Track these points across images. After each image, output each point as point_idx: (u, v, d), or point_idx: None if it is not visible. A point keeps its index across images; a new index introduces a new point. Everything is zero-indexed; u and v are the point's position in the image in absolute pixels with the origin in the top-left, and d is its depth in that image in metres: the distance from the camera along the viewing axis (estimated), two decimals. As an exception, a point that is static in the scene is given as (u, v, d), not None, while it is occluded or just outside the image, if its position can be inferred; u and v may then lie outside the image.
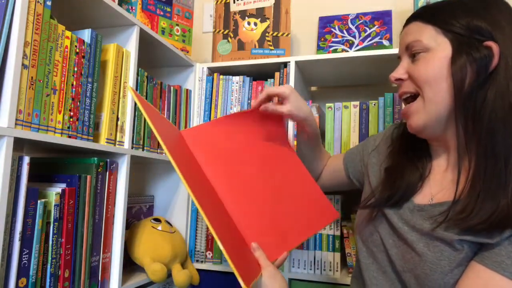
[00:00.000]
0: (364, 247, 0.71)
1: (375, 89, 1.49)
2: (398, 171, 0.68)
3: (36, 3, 0.75)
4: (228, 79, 1.37)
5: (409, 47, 0.64)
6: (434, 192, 0.64)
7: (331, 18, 1.47)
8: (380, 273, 0.67)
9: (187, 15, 1.39)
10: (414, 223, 0.62)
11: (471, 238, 0.55)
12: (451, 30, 0.60)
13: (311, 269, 1.24)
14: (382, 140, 0.80)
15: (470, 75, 0.57)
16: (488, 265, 0.53)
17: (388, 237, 0.66)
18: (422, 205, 0.64)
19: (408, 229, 0.62)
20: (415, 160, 0.69)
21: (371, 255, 0.69)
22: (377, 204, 0.68)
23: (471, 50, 0.58)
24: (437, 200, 0.63)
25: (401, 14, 1.45)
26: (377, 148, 0.79)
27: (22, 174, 0.72)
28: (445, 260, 0.56)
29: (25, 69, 0.73)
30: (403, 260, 0.62)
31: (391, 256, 0.65)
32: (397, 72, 0.67)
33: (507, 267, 0.52)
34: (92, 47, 0.92)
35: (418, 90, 0.63)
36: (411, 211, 0.64)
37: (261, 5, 1.41)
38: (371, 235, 0.69)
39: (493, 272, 0.52)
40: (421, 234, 0.60)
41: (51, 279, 0.79)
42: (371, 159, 0.79)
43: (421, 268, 0.58)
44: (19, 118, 0.72)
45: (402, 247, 0.63)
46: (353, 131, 1.24)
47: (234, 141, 0.76)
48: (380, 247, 0.68)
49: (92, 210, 0.90)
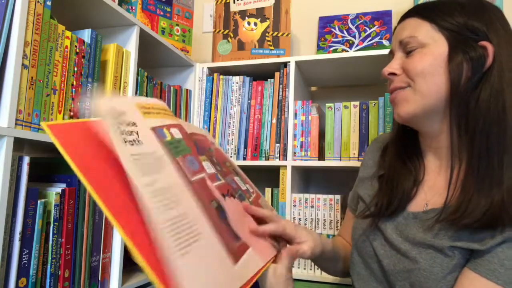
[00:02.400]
0: (361, 259, 0.71)
1: (375, 89, 1.49)
2: (393, 178, 0.68)
3: (36, 3, 0.75)
4: (228, 79, 1.37)
5: (403, 43, 0.64)
6: (428, 198, 0.64)
7: (331, 18, 1.47)
8: (378, 283, 0.67)
9: (187, 15, 1.39)
10: (407, 232, 0.62)
11: (462, 244, 0.55)
12: (448, 28, 0.60)
13: (311, 269, 1.24)
14: (367, 156, 0.81)
15: (466, 73, 0.58)
16: (482, 273, 0.53)
17: (380, 247, 0.66)
18: (416, 212, 0.64)
19: (402, 240, 0.62)
20: (407, 163, 0.68)
21: (368, 266, 0.69)
22: (375, 215, 0.67)
23: (467, 49, 0.58)
24: (431, 206, 0.63)
25: (401, 14, 1.44)
26: (364, 164, 0.81)
27: (22, 174, 0.72)
28: (437, 267, 0.57)
29: (25, 69, 0.73)
30: (398, 270, 0.62)
31: (384, 266, 0.65)
32: (391, 67, 0.65)
33: (500, 276, 0.52)
34: (92, 47, 0.92)
35: (410, 82, 0.62)
36: (405, 218, 0.64)
37: (261, 5, 1.41)
38: (365, 247, 0.69)
39: (487, 280, 0.53)
40: (413, 243, 0.60)
41: (51, 279, 0.79)
42: (359, 174, 0.80)
43: (415, 276, 0.59)
44: (19, 118, 0.72)
45: (395, 257, 0.63)
46: (353, 131, 1.24)
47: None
48: (373, 258, 0.67)
49: (92, 210, 0.90)
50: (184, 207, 0.48)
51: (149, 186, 0.45)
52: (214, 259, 0.48)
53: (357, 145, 1.23)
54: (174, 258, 0.42)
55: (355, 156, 1.22)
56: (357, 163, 1.20)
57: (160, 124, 0.56)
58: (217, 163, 0.67)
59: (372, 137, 1.22)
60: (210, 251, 0.48)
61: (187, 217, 0.47)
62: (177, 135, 0.59)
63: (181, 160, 0.55)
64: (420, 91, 0.61)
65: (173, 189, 0.48)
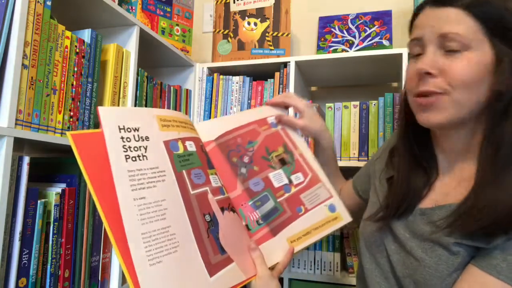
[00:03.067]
0: (368, 252, 0.71)
1: (375, 89, 1.49)
2: (404, 178, 0.66)
3: (36, 3, 0.75)
4: (228, 79, 1.37)
5: (446, 38, 0.55)
6: (437, 198, 0.64)
7: (331, 18, 1.47)
8: (382, 278, 0.67)
9: (187, 15, 1.39)
10: (415, 229, 0.62)
11: (468, 242, 0.55)
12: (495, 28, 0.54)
13: (311, 269, 1.24)
14: (388, 147, 0.78)
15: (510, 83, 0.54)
16: (483, 268, 0.53)
17: (391, 243, 0.66)
18: (424, 208, 0.63)
19: (410, 237, 0.62)
20: (421, 162, 0.67)
21: (374, 260, 0.69)
22: (386, 217, 0.67)
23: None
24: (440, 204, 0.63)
25: (401, 14, 1.45)
26: (381, 157, 0.79)
27: (22, 174, 0.72)
28: (443, 264, 0.56)
29: (25, 69, 0.73)
30: (404, 266, 0.62)
31: (392, 262, 0.64)
32: (428, 64, 0.57)
33: (502, 270, 0.51)
34: (92, 47, 0.92)
35: (449, 89, 0.56)
36: (413, 215, 0.64)
37: (261, 5, 1.41)
38: (375, 241, 0.69)
39: (488, 274, 0.52)
40: (420, 240, 0.60)
41: (51, 279, 0.79)
42: (375, 166, 0.78)
43: (420, 273, 0.58)
44: (19, 118, 0.72)
45: (403, 253, 0.63)
46: (353, 131, 1.24)
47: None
48: (383, 252, 0.67)
49: (92, 210, 0.90)
50: (169, 220, 0.53)
51: (137, 200, 0.51)
52: (188, 269, 0.53)
53: (357, 145, 1.23)
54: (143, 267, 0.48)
55: (355, 156, 1.22)
56: (357, 163, 1.20)
57: (175, 137, 0.61)
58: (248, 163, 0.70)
59: (372, 137, 1.22)
60: (186, 262, 0.53)
61: (170, 229, 0.52)
62: (191, 148, 0.62)
63: (186, 173, 0.59)
64: (459, 102, 0.56)
65: (164, 202, 0.54)
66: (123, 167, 0.52)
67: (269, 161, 0.72)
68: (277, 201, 0.68)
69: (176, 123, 0.62)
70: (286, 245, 0.66)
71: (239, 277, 0.58)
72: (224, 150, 0.69)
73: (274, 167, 0.72)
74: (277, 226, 0.67)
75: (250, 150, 0.71)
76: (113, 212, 0.49)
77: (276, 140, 0.75)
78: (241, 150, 0.71)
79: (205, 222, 0.57)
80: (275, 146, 0.74)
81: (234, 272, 0.58)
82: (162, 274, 0.50)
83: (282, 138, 0.76)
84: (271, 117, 0.78)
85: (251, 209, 0.66)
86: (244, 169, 0.69)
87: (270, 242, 0.65)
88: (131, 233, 0.48)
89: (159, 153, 0.57)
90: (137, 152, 0.54)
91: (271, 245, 0.65)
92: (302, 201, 0.70)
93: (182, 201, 0.56)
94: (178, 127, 0.62)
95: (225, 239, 0.59)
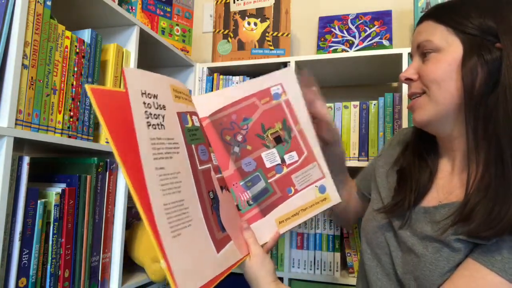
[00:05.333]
0: (369, 249, 0.71)
1: (375, 89, 1.49)
2: (411, 173, 0.68)
3: (36, 3, 0.75)
4: (228, 79, 1.37)
5: (420, 46, 0.64)
6: (440, 198, 0.65)
7: (331, 18, 1.47)
8: (384, 275, 0.67)
9: (187, 15, 1.39)
10: (416, 227, 0.62)
11: (469, 238, 0.55)
12: (464, 30, 0.59)
13: (311, 269, 1.24)
14: (390, 146, 0.80)
15: (481, 77, 0.57)
16: (477, 259, 0.54)
17: (393, 240, 0.66)
18: (427, 207, 0.64)
19: (410, 234, 0.63)
20: (426, 159, 0.69)
21: (375, 257, 0.70)
22: (390, 210, 0.67)
23: (482, 52, 0.57)
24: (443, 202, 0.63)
25: (401, 14, 1.45)
26: (384, 154, 0.80)
27: (22, 174, 0.72)
28: (443, 260, 0.57)
29: (25, 69, 0.73)
30: (404, 263, 0.63)
31: (394, 258, 0.65)
32: (407, 72, 0.66)
33: (495, 263, 0.52)
34: (92, 47, 0.92)
35: (425, 89, 0.62)
36: (416, 213, 0.64)
37: (261, 5, 1.41)
38: (377, 238, 0.70)
39: (481, 266, 0.53)
40: (421, 237, 0.61)
41: (51, 279, 0.79)
42: (377, 163, 0.80)
43: (420, 270, 0.59)
44: (19, 118, 0.72)
45: (404, 250, 0.64)
46: (353, 131, 1.24)
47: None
48: (384, 249, 0.68)
49: (92, 210, 0.90)
50: (183, 194, 0.52)
51: (158, 169, 0.49)
52: (200, 244, 0.52)
53: (357, 145, 1.23)
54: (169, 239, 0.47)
55: (355, 156, 1.22)
56: (357, 163, 1.20)
57: (186, 110, 0.59)
58: (242, 142, 0.69)
59: (372, 137, 1.22)
60: (198, 237, 0.52)
61: (184, 203, 0.51)
62: (196, 123, 0.62)
63: (195, 148, 0.58)
64: (435, 98, 0.61)
65: (179, 175, 0.52)
66: (146, 133, 0.49)
67: (264, 140, 0.69)
68: (268, 181, 0.68)
69: (184, 95, 0.60)
70: (274, 225, 0.68)
71: (237, 255, 0.60)
72: (218, 127, 0.67)
73: (268, 146, 0.70)
74: (267, 207, 0.68)
75: (244, 128, 0.69)
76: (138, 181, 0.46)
77: (276, 114, 0.71)
78: (235, 128, 0.68)
79: (209, 199, 0.57)
80: (273, 122, 0.71)
81: (233, 250, 0.59)
82: (183, 247, 0.48)
83: (283, 112, 0.72)
84: (275, 87, 0.73)
85: (242, 189, 0.67)
86: (237, 148, 0.68)
87: (259, 222, 0.67)
88: (156, 203, 0.46)
89: (173, 124, 0.55)
90: (157, 120, 0.51)
91: (260, 225, 0.67)
92: (293, 182, 0.70)
93: (192, 176, 0.55)
94: (186, 100, 0.60)
95: (224, 217, 0.59)
